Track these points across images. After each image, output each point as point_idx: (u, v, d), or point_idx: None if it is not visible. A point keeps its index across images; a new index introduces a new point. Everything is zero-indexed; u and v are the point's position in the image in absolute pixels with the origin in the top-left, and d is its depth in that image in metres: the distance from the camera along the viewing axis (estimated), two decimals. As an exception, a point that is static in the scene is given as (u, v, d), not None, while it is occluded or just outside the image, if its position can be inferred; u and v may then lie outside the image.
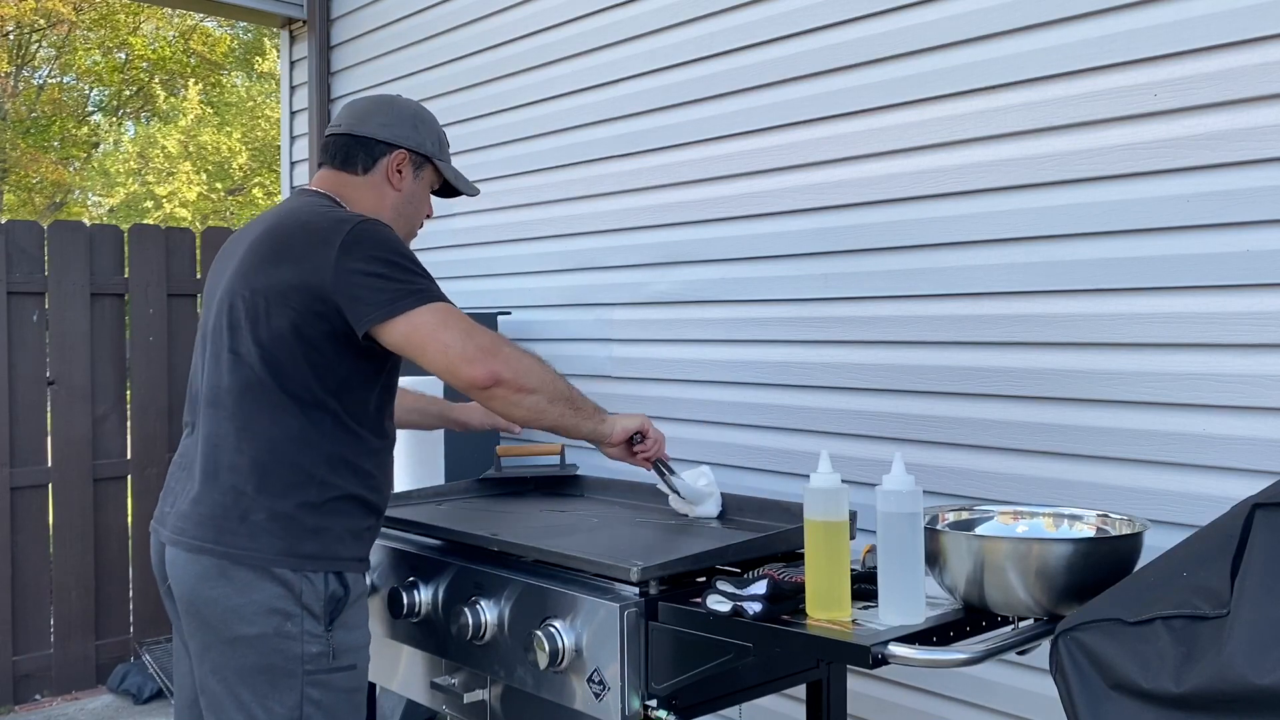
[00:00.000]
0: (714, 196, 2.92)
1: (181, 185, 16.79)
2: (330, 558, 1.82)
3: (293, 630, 1.78)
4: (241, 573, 1.77)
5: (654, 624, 1.75)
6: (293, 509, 1.80)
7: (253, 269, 1.85)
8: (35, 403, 4.26)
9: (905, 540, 1.57)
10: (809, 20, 2.67)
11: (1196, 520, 1.92)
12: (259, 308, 1.81)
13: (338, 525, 1.84)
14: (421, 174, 2.08)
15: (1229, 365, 2.02)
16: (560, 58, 3.37)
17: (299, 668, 1.78)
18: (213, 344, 1.88)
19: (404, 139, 2.03)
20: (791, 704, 2.67)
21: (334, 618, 1.82)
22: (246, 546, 1.78)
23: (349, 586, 1.85)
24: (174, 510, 1.87)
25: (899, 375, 2.52)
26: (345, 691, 1.83)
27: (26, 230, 4.26)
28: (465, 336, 1.79)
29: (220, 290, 1.91)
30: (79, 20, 17.07)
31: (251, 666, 1.77)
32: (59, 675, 4.29)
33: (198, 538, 1.80)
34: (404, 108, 2.09)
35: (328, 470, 1.83)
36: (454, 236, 3.81)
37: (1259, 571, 1.24)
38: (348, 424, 1.85)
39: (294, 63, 4.70)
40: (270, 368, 1.80)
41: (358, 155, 2.01)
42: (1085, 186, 2.20)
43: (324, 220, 1.85)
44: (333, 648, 1.81)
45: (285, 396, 1.81)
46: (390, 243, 1.84)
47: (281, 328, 1.80)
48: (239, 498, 1.80)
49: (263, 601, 1.77)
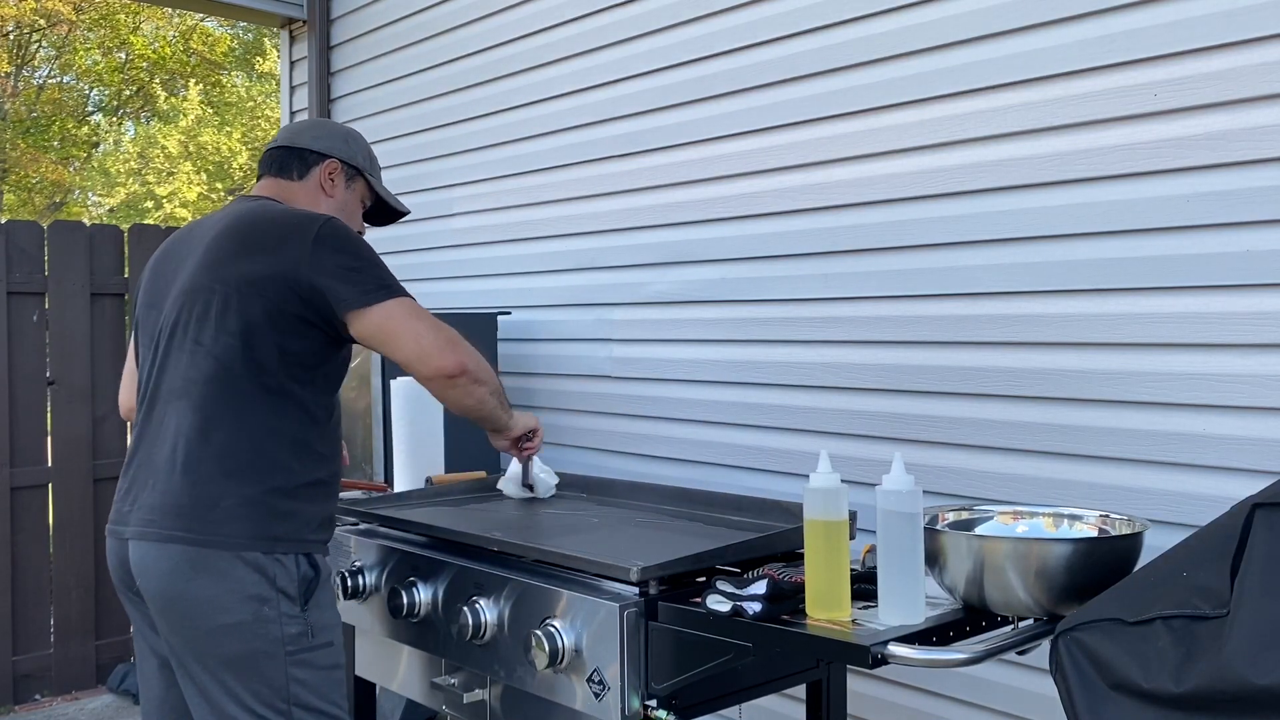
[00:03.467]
0: (714, 196, 2.92)
1: (181, 185, 16.79)
2: (299, 540, 1.88)
3: (270, 614, 1.82)
4: (215, 560, 1.80)
5: (654, 624, 1.75)
6: (263, 495, 1.84)
7: (218, 263, 1.90)
8: (35, 403, 4.25)
9: (905, 540, 1.57)
10: (809, 20, 2.67)
11: (1196, 520, 1.92)
12: (228, 299, 1.87)
13: (306, 509, 1.90)
14: (353, 186, 2.20)
15: (1229, 365, 2.02)
16: (560, 58, 3.37)
17: (280, 649, 1.82)
18: (175, 338, 1.92)
19: (335, 150, 2.16)
20: (791, 704, 2.67)
21: (308, 598, 1.87)
22: (217, 533, 1.81)
23: (318, 567, 1.91)
24: (137, 506, 1.89)
25: (899, 375, 2.52)
26: (326, 669, 1.89)
27: (26, 230, 4.26)
28: (435, 328, 1.91)
29: (176, 287, 1.95)
30: (79, 20, 17.07)
31: (235, 654, 1.81)
32: (59, 675, 4.29)
33: (168, 527, 1.83)
34: (335, 126, 2.26)
35: (293, 456, 1.89)
36: (454, 236, 3.81)
37: (1259, 571, 1.24)
38: (310, 409, 1.92)
39: (294, 63, 4.70)
40: (239, 357, 1.86)
41: (293, 164, 2.13)
42: (1085, 186, 2.20)
43: (293, 216, 1.96)
44: (310, 626, 1.87)
45: (254, 385, 1.86)
46: (358, 239, 1.96)
47: (252, 317, 1.85)
48: (210, 486, 1.83)
49: (239, 589, 1.80)
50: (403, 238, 3.89)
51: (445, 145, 3.82)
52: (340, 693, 1.91)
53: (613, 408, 3.23)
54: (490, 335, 3.42)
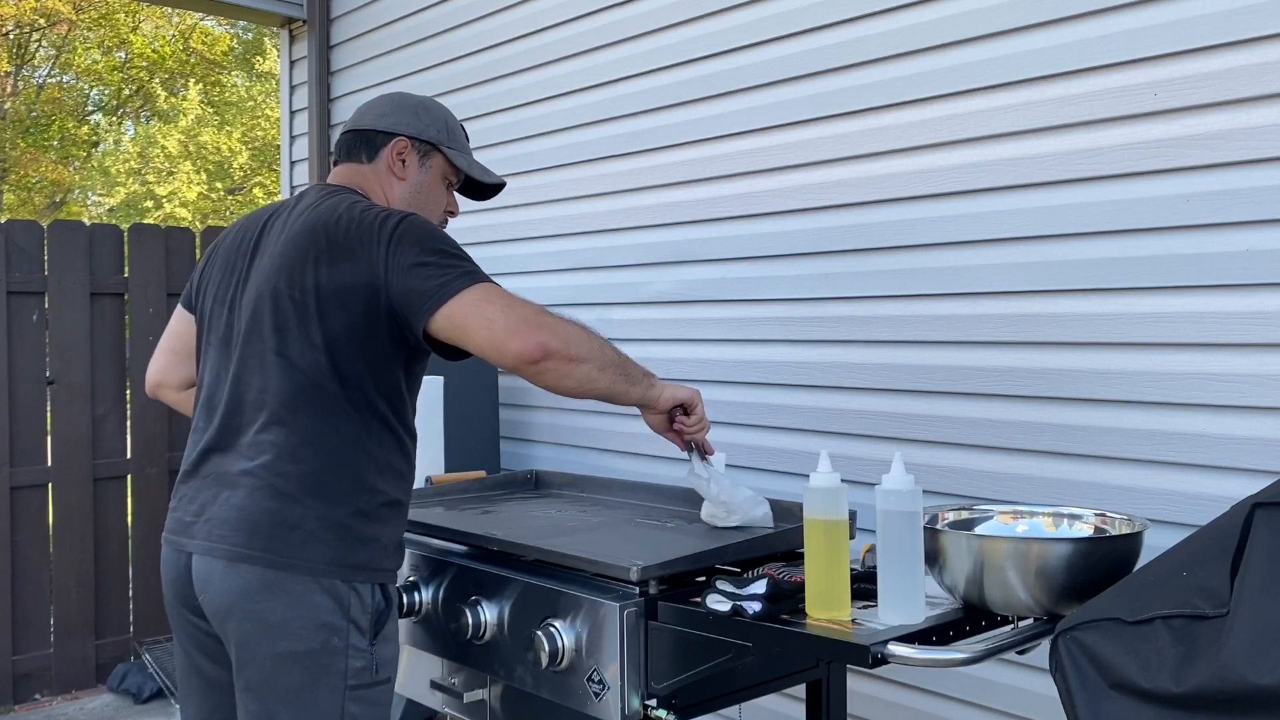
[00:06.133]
0: (714, 196, 2.92)
1: (181, 185, 16.79)
2: (377, 569, 1.77)
3: (338, 645, 1.71)
4: (291, 584, 1.69)
5: (654, 623, 1.75)
6: (346, 517, 1.73)
7: (297, 267, 1.77)
8: (35, 403, 4.26)
9: (905, 540, 1.57)
10: (809, 20, 2.67)
11: (1196, 520, 1.92)
12: (310, 308, 1.74)
13: (385, 535, 1.79)
14: (429, 163, 2.01)
15: (1229, 365, 2.02)
16: (560, 58, 3.37)
17: (342, 683, 1.71)
18: (253, 344, 1.79)
19: (402, 126, 1.98)
20: (791, 704, 2.67)
21: (378, 631, 1.77)
22: (297, 555, 1.70)
23: (390, 598, 1.81)
24: (204, 519, 1.77)
25: (899, 375, 2.52)
26: (381, 706, 1.79)
27: (26, 230, 4.26)
28: (507, 309, 1.70)
29: (252, 287, 1.82)
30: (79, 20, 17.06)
31: (295, 683, 1.70)
32: (59, 675, 4.29)
33: (241, 545, 1.71)
34: (406, 98, 2.04)
35: (377, 476, 1.78)
36: (454, 236, 3.80)
37: (1259, 571, 1.24)
38: (394, 427, 1.81)
39: (294, 62, 4.70)
40: (326, 371, 1.74)
41: (361, 147, 1.98)
42: (1085, 186, 2.20)
43: (367, 216, 1.78)
44: (375, 662, 1.76)
45: (342, 400, 1.74)
46: (431, 232, 1.80)
47: (337, 329, 1.73)
48: (292, 505, 1.71)
49: (312, 616, 1.70)
50: (403, 237, 3.89)
51: (445, 145, 3.82)
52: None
53: (613, 407, 3.23)
54: (490, 335, 3.42)
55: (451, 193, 2.10)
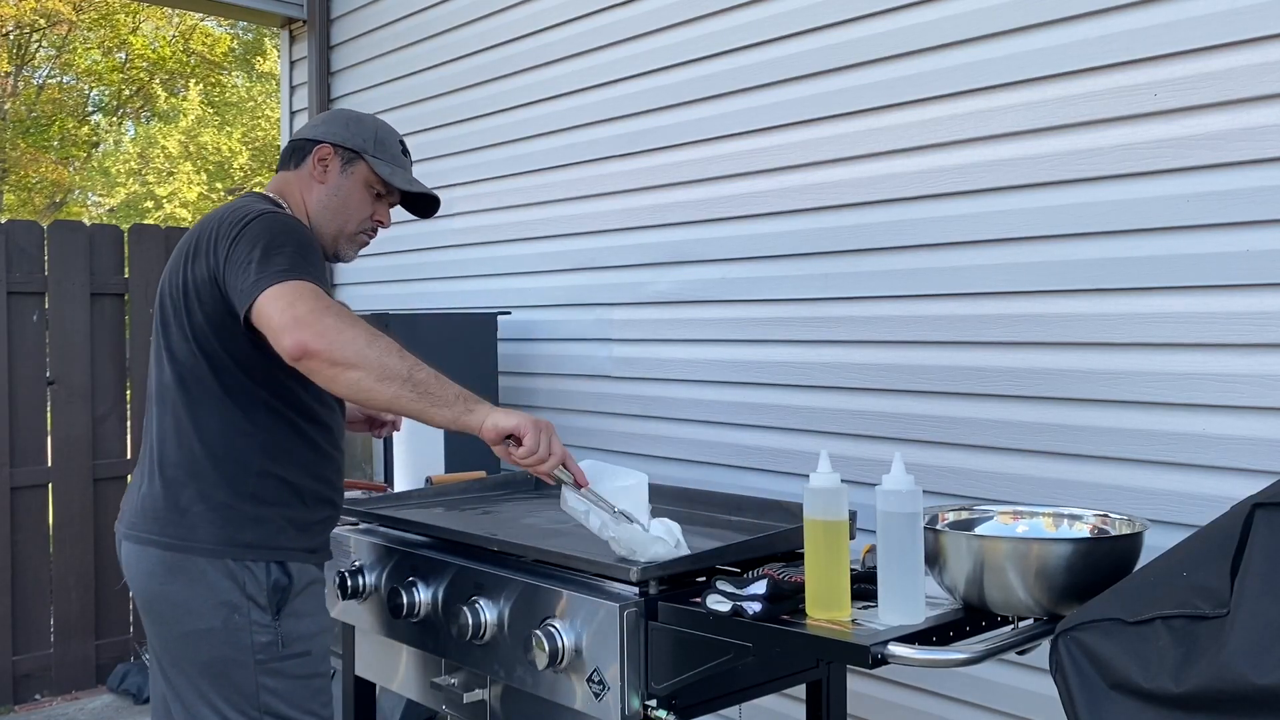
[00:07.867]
0: (714, 196, 2.92)
1: (182, 185, 16.78)
2: (271, 547, 1.87)
3: (240, 621, 1.83)
4: (187, 565, 1.83)
5: (654, 624, 1.75)
6: (229, 498, 1.85)
7: (178, 267, 1.91)
8: (35, 403, 4.25)
9: (905, 540, 1.57)
10: (809, 20, 2.67)
11: (1196, 520, 1.92)
12: (180, 304, 1.88)
13: (277, 515, 1.89)
14: (351, 170, 2.04)
15: (1229, 365, 2.02)
16: (560, 58, 3.37)
17: (250, 658, 1.83)
18: (155, 342, 1.95)
19: (329, 135, 2.05)
20: (791, 704, 2.67)
21: (280, 607, 1.86)
22: (186, 537, 1.84)
23: (293, 575, 1.89)
24: (127, 506, 1.95)
25: (899, 375, 2.52)
26: (301, 678, 1.88)
27: (26, 230, 4.26)
28: (288, 308, 1.68)
29: (160, 291, 1.99)
30: (79, 20, 17.06)
31: (207, 659, 1.83)
32: (59, 675, 4.29)
33: (144, 530, 1.87)
34: (345, 112, 2.13)
35: (264, 459, 1.88)
36: (454, 236, 3.80)
37: (1259, 571, 1.24)
38: (281, 411, 1.90)
39: (294, 63, 4.70)
40: (199, 361, 1.86)
41: (291, 156, 2.08)
42: (1085, 186, 2.20)
43: (232, 217, 1.85)
44: (281, 636, 1.86)
45: (217, 387, 1.86)
46: (274, 231, 1.79)
47: (200, 321, 1.85)
48: (178, 490, 1.86)
49: (210, 595, 1.82)
50: (403, 237, 3.89)
51: (445, 145, 3.82)
52: (320, 700, 1.90)
53: (613, 408, 3.23)
54: (490, 335, 3.42)
55: (381, 204, 2.10)
